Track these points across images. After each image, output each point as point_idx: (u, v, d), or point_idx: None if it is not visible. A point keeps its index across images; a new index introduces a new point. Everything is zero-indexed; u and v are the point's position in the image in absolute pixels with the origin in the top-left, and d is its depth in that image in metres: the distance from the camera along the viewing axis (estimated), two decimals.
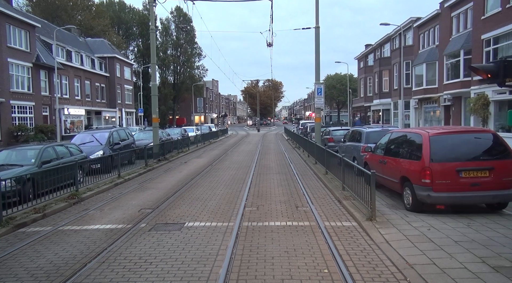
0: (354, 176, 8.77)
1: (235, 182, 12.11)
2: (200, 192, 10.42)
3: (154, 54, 18.92)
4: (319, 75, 17.51)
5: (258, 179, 12.53)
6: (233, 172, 14.40)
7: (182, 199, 9.52)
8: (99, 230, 6.89)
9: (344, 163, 9.75)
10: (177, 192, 10.55)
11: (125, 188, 11.46)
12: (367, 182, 7.53)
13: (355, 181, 8.71)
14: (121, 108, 51.43)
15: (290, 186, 11.25)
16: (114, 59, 49.51)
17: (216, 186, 11.33)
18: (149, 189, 11.22)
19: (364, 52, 52.13)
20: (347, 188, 9.54)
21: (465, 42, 24.18)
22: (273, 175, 13.33)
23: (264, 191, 10.40)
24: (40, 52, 33.24)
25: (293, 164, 16.46)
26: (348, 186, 9.47)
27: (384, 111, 41.97)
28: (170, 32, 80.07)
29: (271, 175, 13.45)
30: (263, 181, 12.10)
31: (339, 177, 10.77)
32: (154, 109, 18.74)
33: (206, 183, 12.03)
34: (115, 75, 49.63)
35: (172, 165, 17.07)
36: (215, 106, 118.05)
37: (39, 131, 31.70)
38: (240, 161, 18.09)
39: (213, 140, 35.24)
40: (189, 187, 11.34)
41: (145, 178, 13.31)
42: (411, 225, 6.53)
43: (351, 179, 9.19)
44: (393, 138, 9.39)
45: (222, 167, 15.94)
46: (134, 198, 9.88)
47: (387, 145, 9.47)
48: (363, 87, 49.21)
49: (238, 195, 9.92)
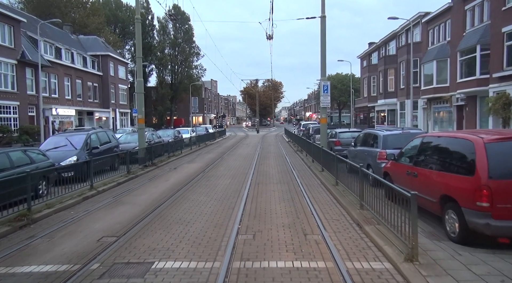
0: (371, 188, 6.86)
1: (228, 195, 10.16)
2: (184, 210, 8.47)
3: (139, 46, 16.99)
4: (325, 71, 15.58)
5: (256, 191, 10.58)
6: (227, 181, 12.45)
7: (159, 221, 7.57)
8: (30, 277, 4.93)
9: (363, 174, 7.81)
10: (156, 209, 8.60)
11: (95, 203, 9.50)
12: (395, 201, 5.61)
13: (377, 196, 6.81)
14: (115, 108, 49.46)
15: (295, 200, 9.29)
16: (108, 57, 47.57)
17: (205, 201, 9.38)
18: (124, 204, 9.27)
19: (367, 50, 50.19)
20: (366, 206, 7.60)
21: (481, 37, 22.25)
22: (274, 186, 11.39)
23: (263, 209, 8.45)
24: (26, 49, 31.26)
25: (296, 171, 14.52)
26: (367, 203, 7.54)
27: (389, 111, 40.02)
28: (168, 31, 78.24)
29: (271, 185, 11.50)
30: (262, 194, 10.15)
31: (353, 190, 8.83)
32: (139, 108, 16.80)
33: (194, 196, 10.08)
34: (108, 74, 47.67)
35: (159, 172, 15.10)
36: (214, 107, 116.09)
37: (23, 133, 29.75)
38: (237, 167, 16.14)
39: (210, 142, 33.28)
40: (172, 202, 9.39)
41: (124, 189, 11.35)
42: (471, 271, 4.59)
43: (370, 194, 7.28)
44: (427, 144, 7.44)
45: (216, 175, 13.98)
46: (101, 218, 7.92)
47: (419, 153, 7.52)
48: (367, 87, 47.28)
49: (231, 214, 7.97)
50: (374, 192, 7.11)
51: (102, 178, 12.20)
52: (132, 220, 7.65)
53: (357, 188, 8.42)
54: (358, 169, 8.01)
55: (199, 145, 28.30)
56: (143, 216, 7.97)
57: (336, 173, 10.80)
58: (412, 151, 7.90)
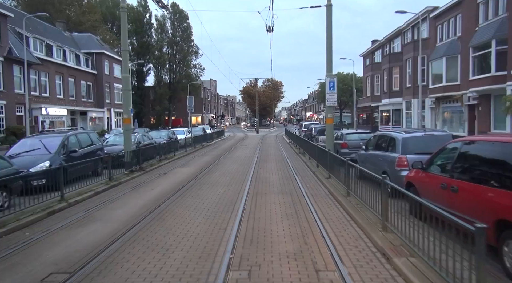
0: (392, 200, 5.34)
1: (221, 208, 8.61)
2: (165, 230, 6.93)
3: (125, 38, 15.44)
4: (331, 65, 14.04)
5: (253, 204, 9.03)
6: (221, 190, 10.89)
7: (132, 247, 6.02)
8: None
9: (386, 187, 6.26)
10: (132, 228, 7.05)
11: (60, 219, 7.95)
12: (433, 223, 4.08)
13: (404, 215, 5.32)
14: (110, 108, 47.90)
15: (300, 217, 7.75)
16: (102, 55, 46.02)
17: (193, 218, 7.84)
18: (94, 221, 7.72)
19: (370, 48, 48.66)
20: (391, 228, 6.05)
21: (497, 31, 20.71)
22: (275, 196, 9.83)
23: (262, 229, 6.91)
24: (13, 45, 29.72)
25: (299, 177, 12.96)
26: (392, 223, 6.00)
27: (394, 111, 38.48)
28: (166, 29, 76.81)
29: (271, 196, 9.94)
30: (261, 208, 8.60)
31: (370, 204, 7.27)
32: (125, 107, 15.25)
33: (180, 210, 8.53)
34: (103, 73, 46.12)
35: (146, 178, 13.54)
36: (213, 107, 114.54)
37: (10, 134, 28.22)
38: (233, 172, 14.58)
39: (207, 143, 31.72)
40: (153, 218, 7.84)
41: (101, 200, 9.79)
42: None
43: (394, 209, 5.79)
44: (473, 150, 5.89)
45: (209, 182, 12.43)
46: (59, 243, 6.37)
47: (460, 162, 5.98)
48: (370, 86, 45.74)
49: (222, 237, 6.42)
50: (395, 205, 5.61)
51: (80, 186, 10.66)
52: (98, 245, 6.10)
53: (375, 202, 6.90)
54: (380, 181, 6.45)
55: (195, 146, 26.76)
56: (113, 239, 6.42)
57: (347, 182, 9.24)
58: (449, 159, 6.35)
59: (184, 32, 76.73)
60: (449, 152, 6.49)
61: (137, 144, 16.97)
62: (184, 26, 77.18)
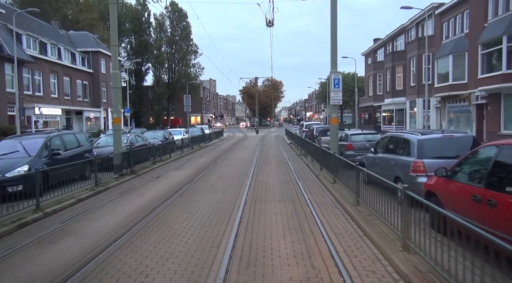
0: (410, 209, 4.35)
1: (215, 219, 7.64)
2: (149, 249, 5.95)
3: (115, 31, 14.46)
4: (336, 61, 13.06)
5: (252, 213, 8.06)
6: (217, 196, 9.91)
7: (104, 273, 5.04)
8: None
9: (407, 197, 5.28)
10: (109, 246, 6.08)
11: (30, 234, 6.97)
12: None
13: (427, 231, 4.38)
14: (106, 107, 46.86)
15: (305, 231, 6.77)
16: (99, 54, 45.05)
17: (182, 231, 6.86)
18: (68, 236, 6.73)
19: (372, 47, 47.71)
20: (414, 248, 5.07)
21: (508, 26, 19.71)
22: (275, 205, 8.85)
23: (261, 247, 5.93)
24: (5, 43, 28.72)
25: (302, 182, 11.99)
26: (415, 243, 5.02)
27: (397, 111, 37.53)
28: (165, 28, 75.94)
29: (271, 204, 8.96)
30: (260, 219, 7.63)
31: (385, 217, 6.26)
32: (115, 106, 14.25)
33: (170, 220, 7.57)
34: (100, 72, 45.16)
35: (137, 183, 12.56)
36: (212, 107, 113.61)
37: (2, 134, 27.25)
38: (231, 176, 13.61)
39: (205, 144, 30.74)
40: (136, 232, 6.86)
41: (82, 209, 8.80)
42: None
43: (417, 223, 4.83)
44: (510, 156, 4.92)
45: (205, 186, 11.46)
46: (17, 268, 5.35)
47: (496, 170, 5.00)
48: (372, 85, 44.79)
49: (214, 258, 5.44)
50: (413, 216, 4.65)
51: (63, 192, 9.68)
52: (64, 271, 5.11)
53: (390, 214, 5.94)
54: (398, 190, 5.48)
55: (192, 147, 25.77)
56: (84, 261, 5.44)
57: (356, 189, 8.27)
58: (482, 166, 5.37)
59: (183, 31, 75.84)
60: (481, 158, 5.52)
61: (128, 146, 16.01)
62: (183, 25, 76.31)
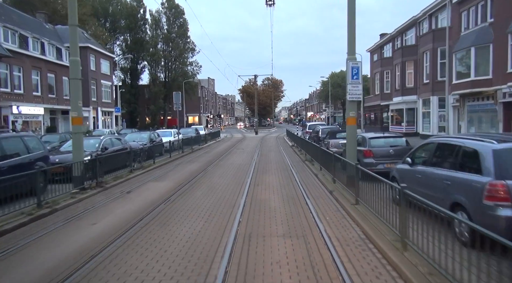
0: None
1: (185, 276, 4.85)
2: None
3: (74, 8, 11.60)
4: (354, 46, 10.28)
5: (243, 263, 5.28)
6: (196, 227, 7.12)
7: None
8: None
9: None
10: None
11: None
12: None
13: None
14: (96, 107, 44.14)
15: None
16: (88, 49, 42.20)
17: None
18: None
19: (378, 42, 44.94)
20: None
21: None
22: (279, 243, 6.07)
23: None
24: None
25: (313, 200, 9.21)
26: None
27: (407, 110, 34.70)
28: (161, 25, 73.38)
29: (273, 241, 6.18)
30: (257, 272, 4.85)
31: (447, 268, 3.53)
32: (73, 102, 11.44)
33: (119, 271, 4.80)
34: (88, 68, 42.31)
35: (98, 201, 9.76)
36: (211, 106, 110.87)
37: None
38: (221, 190, 10.83)
39: (198, 146, 27.94)
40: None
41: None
42: None
43: None
44: None
45: (183, 208, 8.67)
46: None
47: None
48: (379, 83, 41.97)
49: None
50: None
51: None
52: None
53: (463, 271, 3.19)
54: None
55: (183, 151, 22.97)
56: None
57: (401, 223, 5.49)
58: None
59: (180, 28, 73.25)
60: None
61: (99, 151, 13.23)
62: (180, 21, 73.72)
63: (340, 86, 71.27)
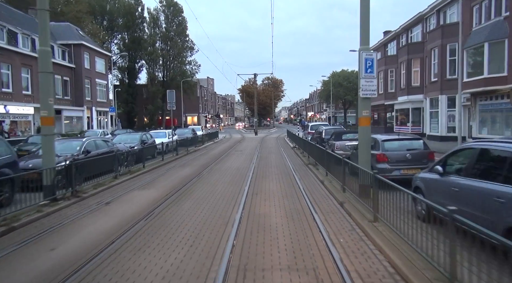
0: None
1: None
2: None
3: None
4: (368, 35, 8.87)
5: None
6: (180, 251, 5.71)
7: None
8: None
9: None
10: None
11: None
12: None
13: None
14: (91, 106, 42.70)
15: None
16: (82, 47, 40.81)
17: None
18: None
19: (382, 40, 43.51)
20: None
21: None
22: (283, 280, 4.66)
23: None
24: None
25: (322, 216, 7.79)
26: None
27: (413, 110, 33.27)
28: (160, 23, 72.01)
29: (276, 277, 4.77)
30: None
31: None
32: (44, 99, 10.00)
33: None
34: (82, 67, 40.92)
35: (69, 215, 8.32)
36: (210, 106, 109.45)
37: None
38: (213, 202, 9.40)
39: (194, 148, 26.50)
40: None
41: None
42: None
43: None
44: None
45: (165, 227, 7.22)
46: None
47: None
48: (383, 82, 40.54)
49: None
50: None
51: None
52: None
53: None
54: None
55: (177, 153, 21.54)
56: None
57: (451, 259, 4.07)
58: None
59: (179, 26, 71.86)
60: None
61: (71, 156, 11.81)
62: (178, 19, 72.30)
63: (341, 85, 69.77)
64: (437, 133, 27.27)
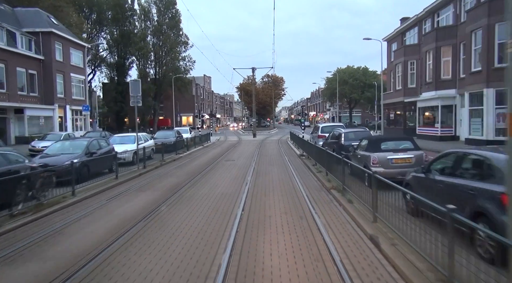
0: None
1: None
2: None
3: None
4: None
5: None
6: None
7: None
8: None
9: None
10: None
11: None
12: None
13: None
14: (64, 104, 37.00)
15: None
16: (52, 35, 35.07)
17: None
18: None
19: (399, 28, 37.86)
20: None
21: None
22: None
23: None
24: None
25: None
26: None
27: (443, 108, 27.58)
28: (151, 16, 66.43)
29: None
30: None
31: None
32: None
33: None
34: (53, 59, 35.17)
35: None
36: (207, 106, 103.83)
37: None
38: (181, 271, 3.71)
39: (175, 155, 20.76)
40: None
41: None
42: None
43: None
44: None
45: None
46: None
47: None
48: (402, 76, 34.89)
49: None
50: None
51: None
52: None
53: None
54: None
55: (145, 165, 15.86)
56: None
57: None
58: None
59: (172, 20, 66.23)
60: None
61: None
62: (172, 12, 66.70)
63: (347, 83, 64.18)
64: (481, 136, 21.64)
